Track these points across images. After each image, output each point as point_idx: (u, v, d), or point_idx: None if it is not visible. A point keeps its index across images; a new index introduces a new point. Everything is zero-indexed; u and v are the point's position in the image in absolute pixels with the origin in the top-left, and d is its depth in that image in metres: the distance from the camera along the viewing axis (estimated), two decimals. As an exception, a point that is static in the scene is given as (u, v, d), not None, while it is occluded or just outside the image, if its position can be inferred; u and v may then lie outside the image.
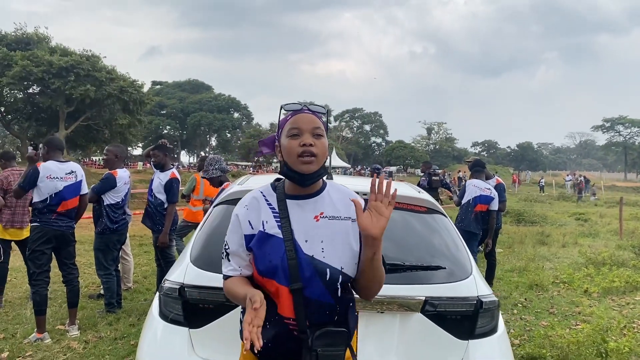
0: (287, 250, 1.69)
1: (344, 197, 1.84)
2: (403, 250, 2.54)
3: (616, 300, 6.77)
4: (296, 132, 1.74)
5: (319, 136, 1.75)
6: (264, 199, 1.82)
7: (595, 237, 13.57)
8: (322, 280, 1.68)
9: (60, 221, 4.84)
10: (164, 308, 2.46)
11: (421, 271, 2.45)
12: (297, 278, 1.67)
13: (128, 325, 5.20)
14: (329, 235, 1.74)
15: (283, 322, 1.69)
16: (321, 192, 1.82)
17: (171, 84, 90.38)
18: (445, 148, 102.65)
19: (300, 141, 1.72)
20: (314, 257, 1.70)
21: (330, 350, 1.65)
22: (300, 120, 1.76)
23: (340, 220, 1.77)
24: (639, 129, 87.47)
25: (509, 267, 8.84)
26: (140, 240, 10.71)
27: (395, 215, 2.73)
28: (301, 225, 1.74)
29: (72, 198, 4.93)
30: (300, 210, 1.77)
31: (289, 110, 1.82)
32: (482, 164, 7.64)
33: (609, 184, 53.55)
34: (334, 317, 1.71)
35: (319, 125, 1.77)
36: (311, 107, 1.82)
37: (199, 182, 7.40)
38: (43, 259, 4.79)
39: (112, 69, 40.88)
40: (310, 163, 1.72)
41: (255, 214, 1.78)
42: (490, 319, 2.45)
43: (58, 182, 4.83)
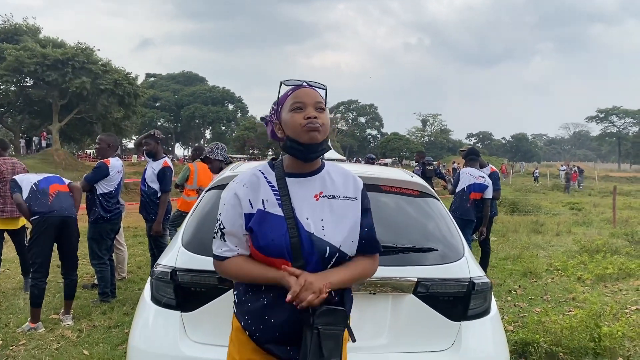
0: (289, 228, 1.68)
1: (343, 177, 1.84)
2: (396, 233, 2.53)
3: (609, 286, 6.81)
4: (299, 106, 1.73)
5: (322, 110, 1.75)
6: (264, 177, 1.80)
7: (589, 225, 13.64)
8: (321, 257, 1.69)
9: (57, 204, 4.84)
10: (156, 292, 2.45)
11: (413, 253, 2.44)
12: (300, 256, 1.67)
13: (122, 314, 5.20)
14: (328, 214, 1.74)
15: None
16: (320, 171, 1.82)
17: (165, 77, 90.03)
18: (440, 140, 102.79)
19: (305, 114, 1.71)
20: (314, 234, 1.70)
21: (331, 328, 1.65)
22: (303, 94, 1.75)
23: (339, 199, 1.78)
24: (632, 120, 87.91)
25: (503, 255, 8.87)
26: (134, 232, 10.69)
27: (388, 199, 2.73)
28: (302, 203, 1.74)
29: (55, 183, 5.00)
30: (300, 188, 1.76)
31: (290, 85, 1.81)
32: (477, 152, 7.64)
33: (603, 174, 53.80)
34: (331, 293, 1.70)
35: (321, 100, 1.77)
36: (312, 82, 1.82)
37: (192, 172, 7.36)
38: (44, 247, 4.77)
39: (107, 62, 40.63)
40: (317, 131, 1.70)
41: (254, 193, 1.76)
42: (482, 301, 2.46)
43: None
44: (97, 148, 5.79)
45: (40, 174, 5.11)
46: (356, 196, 1.82)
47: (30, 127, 44.85)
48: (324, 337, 1.63)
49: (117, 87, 39.28)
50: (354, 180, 1.86)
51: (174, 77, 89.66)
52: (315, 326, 1.63)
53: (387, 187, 2.74)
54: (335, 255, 1.71)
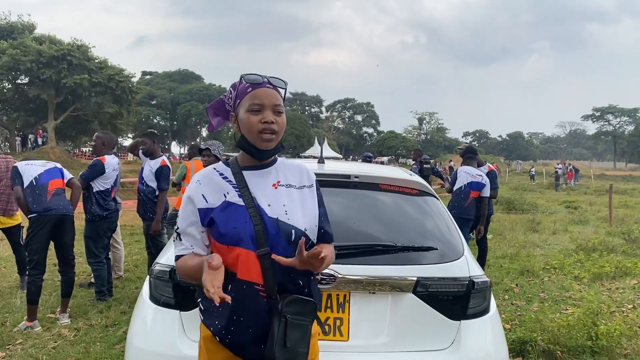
0: (251, 216, 1.70)
1: (297, 169, 1.90)
2: (395, 232, 2.53)
3: (606, 285, 6.82)
4: (257, 108, 1.73)
5: (279, 113, 1.76)
6: (218, 173, 1.82)
7: (585, 224, 13.66)
8: (287, 241, 1.71)
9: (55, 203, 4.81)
10: (155, 291, 2.44)
11: (413, 252, 2.44)
12: (264, 243, 1.68)
13: (119, 313, 5.18)
14: (289, 200, 1.78)
15: (253, 289, 1.68)
16: (274, 163, 1.86)
17: (161, 74, 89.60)
18: (437, 138, 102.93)
19: (262, 118, 1.72)
20: (278, 219, 1.72)
21: (299, 318, 1.68)
22: (262, 95, 1.74)
23: (295, 188, 1.83)
24: (628, 118, 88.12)
25: (500, 253, 8.89)
26: (131, 230, 10.67)
27: (386, 197, 2.72)
28: (261, 191, 1.76)
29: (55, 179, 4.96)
30: (257, 179, 1.79)
31: (250, 82, 1.78)
32: (474, 150, 7.64)
33: (599, 172, 54.00)
34: (298, 283, 1.73)
35: (280, 102, 1.77)
36: (272, 80, 1.80)
37: (189, 170, 7.34)
38: (40, 244, 4.77)
39: (104, 59, 40.48)
40: (270, 141, 1.74)
41: (209, 188, 1.77)
42: (482, 300, 2.45)
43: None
44: (93, 145, 5.77)
45: (43, 164, 5.05)
46: (311, 184, 1.88)
47: (25, 124, 44.68)
48: (292, 326, 1.65)
49: (111, 81, 39.06)
50: (307, 172, 1.92)
51: (169, 75, 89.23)
52: (283, 314, 1.65)
53: (386, 186, 2.74)
54: (300, 238, 1.69)
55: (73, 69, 37.20)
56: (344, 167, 3.01)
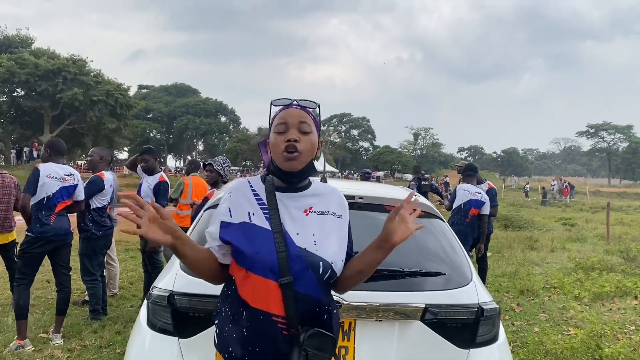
0: (276, 242, 1.62)
1: (330, 194, 1.82)
2: (401, 256, 2.45)
3: (607, 305, 6.75)
4: (282, 128, 1.69)
5: (305, 133, 1.70)
6: (251, 188, 1.77)
7: (582, 242, 13.62)
8: (314, 273, 1.62)
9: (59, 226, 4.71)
10: (152, 317, 2.35)
11: (420, 277, 2.37)
12: (287, 272, 1.59)
13: (114, 332, 5.06)
14: (320, 229, 1.70)
15: (271, 320, 1.60)
16: (308, 187, 1.79)
17: (158, 88, 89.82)
18: (432, 153, 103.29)
19: (286, 137, 1.67)
20: (306, 250, 1.64)
21: (319, 354, 1.59)
22: (288, 114, 1.71)
23: (329, 215, 1.75)
24: (622, 135, 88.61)
25: (499, 272, 8.81)
26: (126, 245, 10.53)
27: (392, 219, 2.65)
28: (291, 217, 1.69)
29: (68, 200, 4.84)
30: (289, 203, 1.72)
31: (278, 105, 1.77)
32: (474, 168, 7.60)
33: (594, 189, 54.13)
34: (322, 317, 1.65)
35: (306, 120, 1.71)
36: (301, 102, 1.76)
37: (187, 186, 7.26)
38: (36, 262, 4.67)
39: (99, 72, 40.53)
40: (294, 159, 1.67)
41: (238, 202, 1.72)
42: (491, 327, 2.38)
43: (55, 182, 4.73)
44: (89, 160, 5.66)
45: (63, 178, 4.75)
46: (342, 214, 1.80)
47: (21, 137, 44.52)
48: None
49: (109, 98, 39.14)
50: (340, 198, 1.84)
51: (166, 88, 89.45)
52: (304, 348, 1.57)
53: (391, 207, 2.66)
54: (328, 270, 1.65)
55: (69, 83, 37.21)
56: (347, 187, 2.93)
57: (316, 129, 1.76)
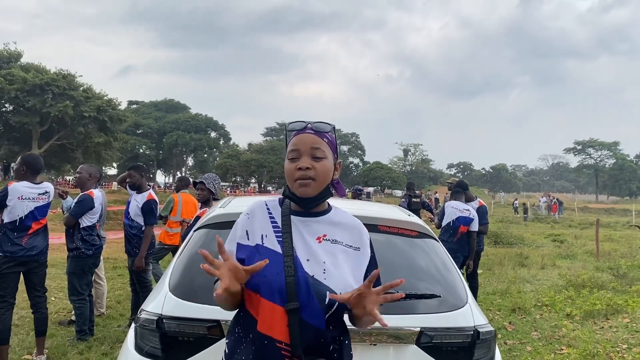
0: (286, 266, 1.57)
1: (350, 224, 1.75)
2: (395, 278, 2.40)
3: (598, 323, 6.73)
4: (295, 155, 1.67)
5: (318, 158, 1.66)
6: (268, 211, 1.73)
7: (572, 258, 13.65)
8: (320, 303, 1.56)
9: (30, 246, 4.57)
10: (140, 341, 2.28)
11: (415, 300, 2.32)
12: (294, 297, 1.54)
13: (100, 354, 4.94)
14: (331, 258, 1.64)
15: (275, 346, 1.54)
16: (326, 213, 1.74)
17: (148, 104, 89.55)
18: (422, 169, 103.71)
19: (297, 164, 1.64)
20: (314, 277, 1.59)
21: None
22: (300, 141, 1.68)
23: (342, 245, 1.68)
24: (608, 152, 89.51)
25: (490, 289, 8.78)
26: (114, 263, 10.38)
27: (385, 239, 2.62)
28: (303, 243, 1.65)
29: (43, 219, 4.71)
30: (304, 228, 1.68)
31: (292, 130, 1.73)
32: (464, 185, 7.62)
33: (582, 205, 54.50)
34: (329, 347, 1.58)
35: (319, 146, 1.67)
36: (315, 125, 1.72)
37: (176, 203, 7.20)
38: (10, 282, 4.50)
39: (89, 87, 40.38)
40: (307, 186, 1.63)
41: (254, 225, 1.69)
42: (487, 350, 2.34)
43: (29, 203, 4.59)
44: (78, 178, 5.53)
45: (37, 197, 4.62)
46: (360, 246, 1.72)
47: (9, 153, 44.14)
48: None
49: (99, 113, 38.97)
50: (360, 230, 1.76)
51: (156, 104, 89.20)
52: None
53: (385, 227, 2.64)
54: (335, 302, 1.58)
55: (58, 98, 37.03)
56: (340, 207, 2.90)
57: (333, 150, 1.73)
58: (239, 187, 62.62)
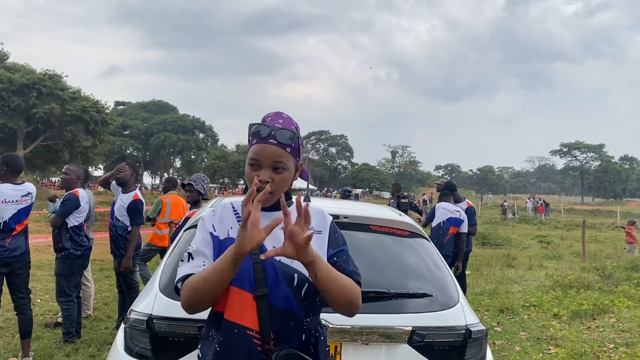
0: (252, 254, 1.56)
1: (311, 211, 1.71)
2: (387, 277, 2.42)
3: (585, 323, 6.79)
4: (255, 164, 1.64)
5: (279, 170, 1.64)
6: (232, 208, 1.75)
7: (559, 259, 13.78)
8: (289, 285, 1.57)
9: (14, 247, 4.51)
10: (130, 342, 2.26)
11: (407, 299, 2.32)
12: (262, 283, 1.55)
13: (87, 356, 4.89)
14: None
15: (245, 334, 1.54)
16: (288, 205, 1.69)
17: (135, 105, 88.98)
18: (409, 171, 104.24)
19: (257, 174, 1.62)
20: (281, 261, 1.59)
21: None
22: (261, 152, 1.64)
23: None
24: (594, 154, 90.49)
25: (478, 290, 8.82)
26: (100, 265, 10.28)
27: (377, 239, 2.62)
28: None
29: (25, 220, 4.65)
30: (267, 220, 1.62)
31: (254, 137, 1.68)
32: (453, 187, 7.67)
33: (567, 207, 54.97)
34: (301, 337, 1.56)
35: (281, 160, 1.64)
36: (279, 134, 1.65)
37: (165, 204, 7.15)
38: None
39: (77, 89, 39.97)
40: (265, 201, 1.58)
41: (220, 220, 1.70)
42: (478, 349, 2.34)
43: (13, 206, 4.52)
44: (65, 179, 5.43)
45: (20, 199, 4.54)
46: (322, 230, 1.72)
47: (-7, 154, 43.56)
48: None
49: (85, 114, 38.57)
50: (322, 215, 1.77)
51: (143, 105, 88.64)
52: None
53: (376, 227, 2.63)
54: (304, 284, 1.59)
55: (44, 98, 36.59)
56: (332, 207, 2.89)
57: (296, 156, 1.70)
58: (227, 189, 62.39)
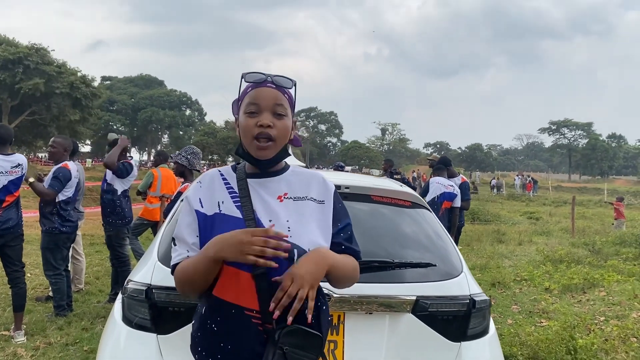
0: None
1: (310, 179, 1.67)
2: (390, 247, 2.38)
3: (576, 297, 6.86)
4: (254, 109, 1.54)
5: (280, 115, 1.56)
6: (221, 177, 1.64)
7: (548, 235, 13.89)
8: (289, 262, 1.48)
9: (5, 219, 4.42)
10: (128, 312, 2.21)
11: (410, 269, 2.29)
12: None
13: (80, 329, 4.85)
14: (295, 215, 1.56)
15: (244, 314, 1.47)
16: (284, 171, 1.65)
17: (122, 79, 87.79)
18: (399, 148, 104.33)
19: (258, 120, 1.53)
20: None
21: (300, 353, 1.44)
22: (261, 95, 1.55)
23: (306, 200, 1.60)
24: (582, 132, 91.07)
25: (469, 264, 8.82)
26: (91, 239, 10.20)
27: (379, 210, 2.57)
28: (264, 204, 1.56)
29: (16, 191, 4.56)
30: (262, 190, 1.59)
31: (250, 80, 1.59)
32: (447, 161, 7.65)
33: (555, 184, 55.44)
34: (302, 311, 1.47)
35: (282, 102, 1.57)
36: (276, 79, 1.59)
37: (156, 178, 7.06)
38: None
39: (63, 63, 39.25)
40: (266, 149, 1.54)
41: (208, 193, 1.60)
42: (482, 319, 2.32)
43: (2, 177, 4.42)
44: (52, 152, 5.28)
45: (10, 171, 4.44)
46: (324, 199, 1.64)
47: (-23, 128, 42.89)
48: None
49: (73, 90, 37.98)
50: (323, 183, 1.68)
51: (131, 80, 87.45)
52: (279, 345, 1.43)
53: (378, 197, 2.58)
54: None
55: (30, 73, 35.93)
56: (332, 177, 2.83)
57: (291, 109, 1.62)
58: (216, 165, 62.12)
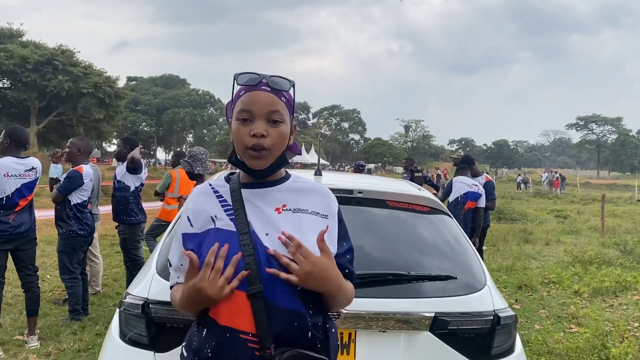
0: (242, 244, 1.33)
1: (312, 190, 1.49)
2: (406, 258, 2.20)
3: (608, 300, 6.56)
4: (247, 117, 1.38)
5: (276, 122, 1.39)
6: (213, 190, 1.48)
7: (577, 234, 13.47)
8: (287, 280, 1.31)
9: (18, 223, 4.36)
10: (125, 327, 2.07)
11: (429, 282, 2.10)
12: (256, 279, 1.31)
13: (94, 334, 4.77)
14: (294, 229, 1.38)
15: (239, 338, 1.31)
16: (284, 181, 1.48)
17: (146, 79, 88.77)
18: (423, 145, 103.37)
19: (251, 129, 1.36)
20: (276, 252, 1.34)
21: None
22: (254, 100, 1.39)
23: (306, 213, 1.43)
24: (611, 127, 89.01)
25: (495, 266, 8.59)
26: (111, 240, 10.19)
27: (395, 216, 2.39)
28: (260, 216, 1.40)
29: (29, 195, 4.49)
30: (258, 200, 1.43)
31: (242, 83, 1.43)
32: (470, 160, 7.39)
33: (583, 181, 54.27)
34: (305, 334, 1.33)
35: (277, 108, 1.39)
36: (272, 80, 1.41)
37: (174, 179, 6.97)
38: None
39: (89, 64, 39.82)
40: (260, 158, 1.38)
41: (198, 209, 1.45)
42: (507, 337, 2.12)
43: (16, 180, 4.35)
44: (68, 152, 5.24)
45: (24, 174, 4.38)
46: (328, 214, 1.47)
47: (6, 129, 43.71)
48: None
49: (98, 90, 38.46)
50: (327, 198, 1.50)
51: (155, 80, 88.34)
52: None
53: (394, 203, 2.39)
54: None
55: (58, 74, 36.51)
56: (345, 181, 2.65)
57: (290, 111, 1.45)
58: (237, 164, 62.31)
